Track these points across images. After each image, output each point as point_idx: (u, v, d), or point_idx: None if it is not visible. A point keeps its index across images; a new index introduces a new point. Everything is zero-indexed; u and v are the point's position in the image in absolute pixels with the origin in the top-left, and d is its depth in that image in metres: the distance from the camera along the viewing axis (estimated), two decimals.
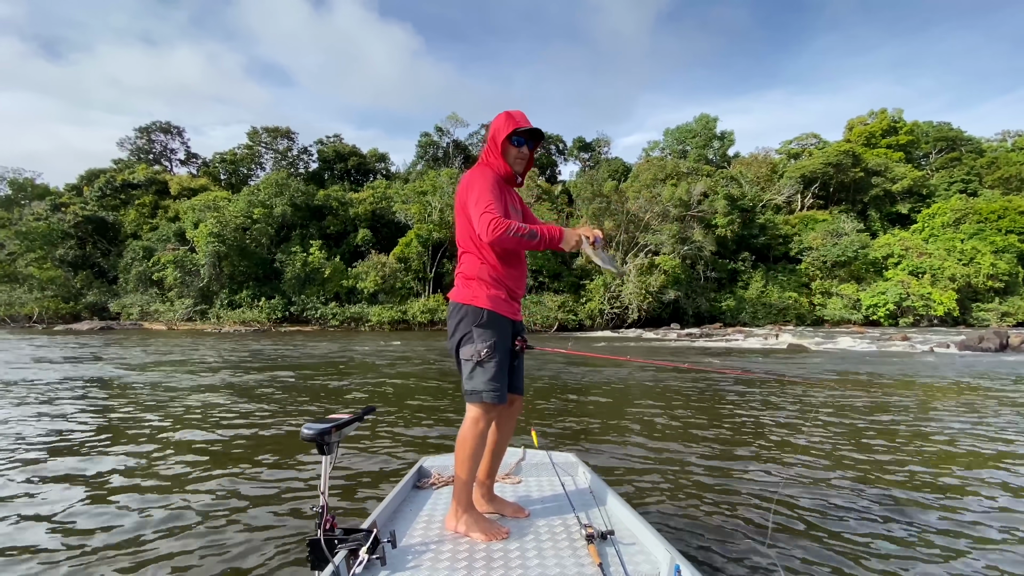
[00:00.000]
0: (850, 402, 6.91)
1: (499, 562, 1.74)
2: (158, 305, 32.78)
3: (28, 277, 34.31)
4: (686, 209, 33.65)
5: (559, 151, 54.02)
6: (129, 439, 4.87)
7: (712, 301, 33.72)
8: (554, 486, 2.53)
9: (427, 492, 2.45)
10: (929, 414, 6.15)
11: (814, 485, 3.67)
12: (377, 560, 1.64)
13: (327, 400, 7.07)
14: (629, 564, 1.69)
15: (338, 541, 1.62)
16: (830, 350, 16.48)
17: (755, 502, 3.32)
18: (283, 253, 33.79)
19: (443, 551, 1.82)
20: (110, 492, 3.48)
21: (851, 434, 5.13)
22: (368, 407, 2.00)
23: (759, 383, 8.57)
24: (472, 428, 1.97)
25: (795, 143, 50.21)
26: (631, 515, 2.03)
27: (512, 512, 2.15)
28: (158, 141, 50.45)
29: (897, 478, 3.81)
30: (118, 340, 19.39)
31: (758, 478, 3.81)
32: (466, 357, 1.98)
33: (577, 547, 1.84)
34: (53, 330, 27.15)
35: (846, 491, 3.55)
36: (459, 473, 1.99)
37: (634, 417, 5.90)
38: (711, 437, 5.01)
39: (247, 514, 3.07)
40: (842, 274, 35.19)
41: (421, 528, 2.03)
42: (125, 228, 39.73)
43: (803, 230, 38.00)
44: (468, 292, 2.00)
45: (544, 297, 30.65)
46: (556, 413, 6.12)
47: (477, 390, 1.95)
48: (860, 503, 3.33)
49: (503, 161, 2.05)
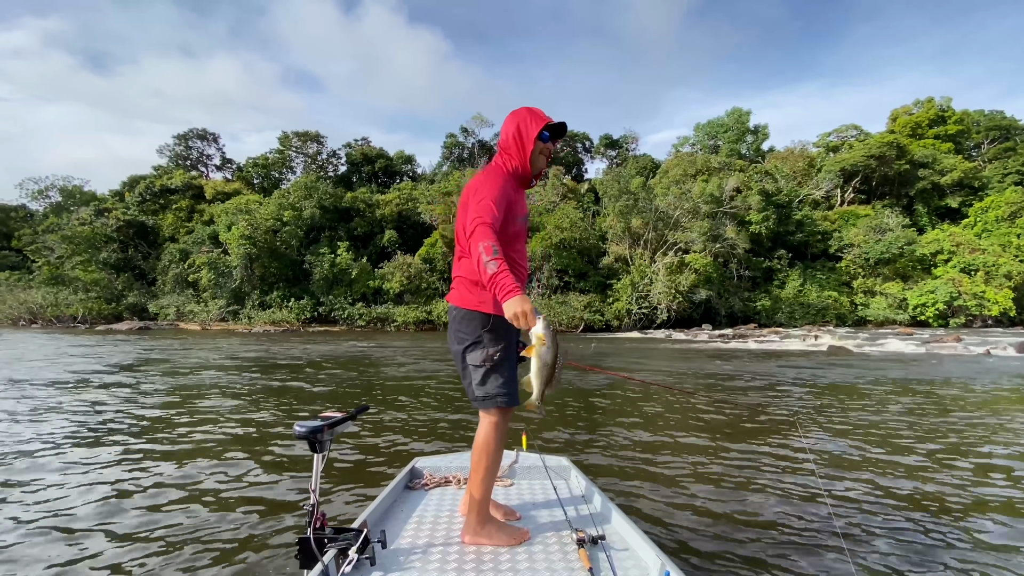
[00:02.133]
0: (881, 402, 6.27)
1: (489, 565, 1.73)
2: (193, 306, 33.73)
3: (74, 279, 35.80)
4: (718, 205, 32.49)
5: (585, 149, 53.28)
6: (125, 434, 4.79)
7: (746, 301, 32.45)
8: (546, 490, 2.50)
9: (419, 493, 2.42)
10: (994, 422, 5.47)
11: (834, 494, 3.45)
12: (367, 560, 1.63)
13: (330, 399, 6.87)
14: (619, 569, 1.68)
15: (328, 540, 1.61)
16: (876, 352, 15.46)
17: (750, 510, 3.24)
18: (312, 255, 34.31)
19: (433, 552, 1.81)
20: (96, 486, 3.51)
21: (887, 440, 4.56)
22: (361, 406, 1.97)
23: (774, 386, 7.94)
24: (491, 434, 1.92)
25: (834, 135, 47.95)
26: (622, 520, 2.02)
27: (503, 515, 2.12)
28: (195, 147, 52.09)
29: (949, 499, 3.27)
30: (148, 339, 19.91)
31: (758, 487, 3.66)
32: (476, 363, 1.91)
33: (568, 551, 1.84)
34: (95, 330, 28.22)
35: (858, 505, 3.31)
36: (478, 482, 1.91)
37: (631, 423, 5.58)
38: (709, 445, 4.69)
39: (238, 511, 3.04)
40: (886, 272, 33.37)
41: (412, 529, 2.01)
42: (163, 232, 41.12)
43: (844, 226, 36.22)
44: (474, 297, 1.92)
45: (569, 297, 30.10)
46: (555, 418, 5.84)
47: (491, 395, 1.89)
48: (878, 521, 2.99)
49: (528, 162, 1.95)
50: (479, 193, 1.84)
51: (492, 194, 1.82)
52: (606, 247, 33.09)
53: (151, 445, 4.61)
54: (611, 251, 32.46)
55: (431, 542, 1.90)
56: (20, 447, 4.50)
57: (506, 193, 1.88)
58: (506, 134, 1.98)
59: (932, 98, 46.27)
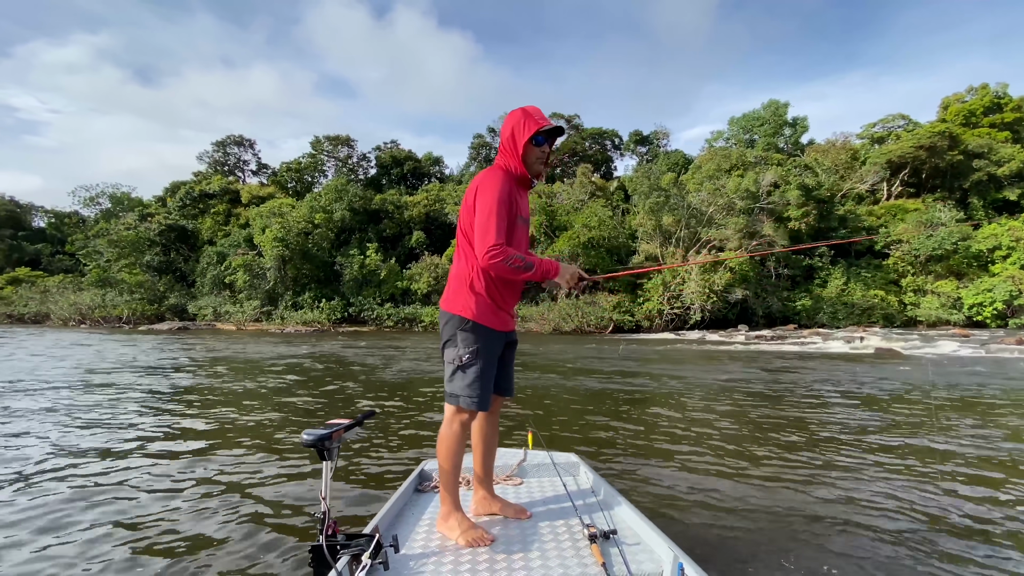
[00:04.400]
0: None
1: (502, 563, 1.74)
2: (229, 307, 34.70)
3: (120, 282, 37.40)
4: (754, 201, 31.18)
5: (614, 146, 52.35)
6: (140, 434, 4.76)
7: (785, 300, 31.05)
8: (556, 487, 2.52)
9: (429, 495, 2.43)
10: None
11: (842, 497, 3.40)
12: (380, 565, 1.62)
13: (364, 398, 6.69)
14: (632, 563, 1.68)
15: (340, 547, 1.61)
16: (929, 355, 14.38)
17: (767, 504, 3.25)
18: (342, 256, 34.83)
19: (446, 554, 1.82)
20: (109, 487, 3.55)
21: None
22: (368, 411, 2.00)
23: (798, 379, 7.31)
24: (447, 428, 2.00)
25: (879, 126, 45.47)
26: (634, 514, 2.03)
27: (514, 513, 2.15)
28: (232, 153, 53.76)
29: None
30: (184, 339, 20.46)
31: (774, 480, 3.67)
32: (448, 360, 2.00)
33: (580, 547, 1.84)
34: (137, 330, 29.34)
35: (888, 513, 3.19)
36: (440, 473, 2.03)
37: (644, 421, 5.33)
38: (731, 438, 4.66)
39: (250, 520, 3.04)
40: (939, 269, 31.35)
41: (424, 531, 2.02)
42: (202, 235, 42.54)
43: (891, 221, 34.24)
44: (456, 302, 2.00)
45: (598, 297, 29.48)
46: (557, 413, 5.84)
47: (455, 394, 1.97)
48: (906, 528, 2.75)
49: (522, 164, 1.99)
50: (483, 198, 1.90)
51: (495, 199, 1.88)
52: (636, 246, 32.28)
53: (157, 444, 4.49)
54: (641, 250, 31.64)
55: (443, 544, 1.89)
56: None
57: (508, 191, 1.93)
58: (504, 135, 2.02)
59: (987, 84, 43.35)
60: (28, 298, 37.67)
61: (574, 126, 52.28)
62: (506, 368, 2.17)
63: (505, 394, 2.19)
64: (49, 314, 35.44)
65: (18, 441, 4.75)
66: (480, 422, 2.18)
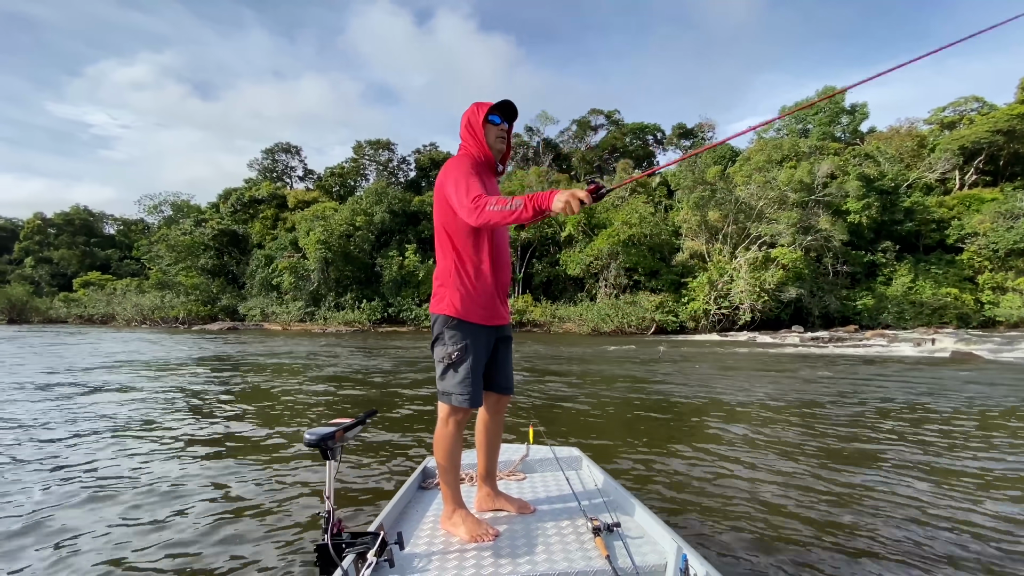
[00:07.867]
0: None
1: (507, 558, 1.74)
2: (276, 307, 35.91)
3: (177, 284, 39.47)
4: (809, 194, 29.19)
5: (656, 141, 50.80)
6: (150, 433, 4.69)
7: (844, 300, 28.94)
8: (559, 481, 2.51)
9: (433, 492, 2.41)
10: None
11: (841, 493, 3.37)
12: (385, 562, 1.63)
13: (353, 405, 6.39)
14: (636, 555, 1.70)
15: (346, 545, 1.61)
16: (1016, 360, 12.79)
17: (770, 498, 3.25)
18: (382, 258, 35.41)
19: (451, 550, 1.82)
20: (116, 485, 3.56)
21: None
22: (370, 410, 1.99)
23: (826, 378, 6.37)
24: (442, 428, 2.00)
25: (950, 110, 41.78)
26: (637, 507, 2.03)
27: (517, 509, 2.15)
28: (280, 160, 55.82)
29: None
30: (229, 338, 21.10)
31: (779, 476, 3.65)
32: (438, 358, 2.01)
33: (584, 540, 1.85)
34: (191, 329, 30.74)
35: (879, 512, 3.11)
36: (439, 472, 2.03)
37: (655, 420, 5.16)
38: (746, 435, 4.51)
39: (256, 519, 3.02)
40: (1020, 265, 28.41)
41: (428, 528, 2.02)
42: (252, 239, 44.30)
43: (965, 213, 31.30)
44: (440, 302, 2.01)
45: (639, 297, 28.45)
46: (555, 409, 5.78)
47: (447, 392, 1.97)
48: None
49: (485, 146, 2.01)
50: (450, 178, 1.89)
51: (463, 171, 1.87)
52: (680, 243, 30.99)
53: (169, 442, 4.30)
54: (685, 247, 30.33)
55: (448, 540, 1.90)
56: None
57: (474, 166, 1.94)
58: (462, 127, 2.06)
59: None
60: (97, 300, 40.37)
61: (614, 121, 51.09)
62: (503, 365, 2.14)
63: (505, 392, 2.16)
64: (115, 315, 37.80)
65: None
66: (485, 421, 2.18)
